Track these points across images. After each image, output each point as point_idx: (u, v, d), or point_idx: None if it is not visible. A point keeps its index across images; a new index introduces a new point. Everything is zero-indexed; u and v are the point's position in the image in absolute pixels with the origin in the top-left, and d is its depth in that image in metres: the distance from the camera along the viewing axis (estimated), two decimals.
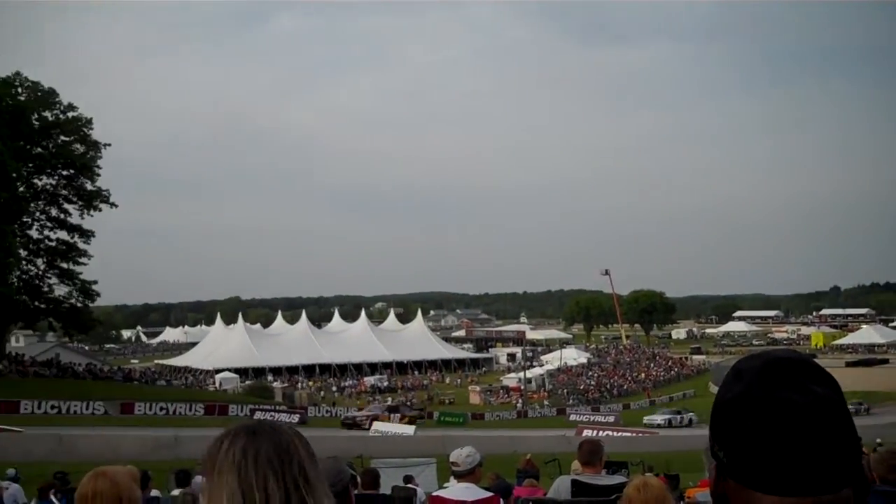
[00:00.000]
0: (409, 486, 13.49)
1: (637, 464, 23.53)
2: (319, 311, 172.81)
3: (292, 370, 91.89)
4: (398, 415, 56.95)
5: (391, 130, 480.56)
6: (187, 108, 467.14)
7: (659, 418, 61.98)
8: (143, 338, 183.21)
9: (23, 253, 59.11)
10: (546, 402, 77.54)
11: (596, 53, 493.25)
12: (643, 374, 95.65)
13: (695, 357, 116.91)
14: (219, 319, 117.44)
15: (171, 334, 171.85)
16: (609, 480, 6.50)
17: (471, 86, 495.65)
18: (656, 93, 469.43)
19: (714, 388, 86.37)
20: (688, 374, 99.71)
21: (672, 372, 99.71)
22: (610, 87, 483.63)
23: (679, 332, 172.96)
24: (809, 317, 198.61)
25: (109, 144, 64.38)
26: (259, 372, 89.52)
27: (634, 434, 50.17)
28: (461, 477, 6.33)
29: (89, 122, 62.19)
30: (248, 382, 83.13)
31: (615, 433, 49.71)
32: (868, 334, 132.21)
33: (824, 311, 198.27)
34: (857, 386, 67.94)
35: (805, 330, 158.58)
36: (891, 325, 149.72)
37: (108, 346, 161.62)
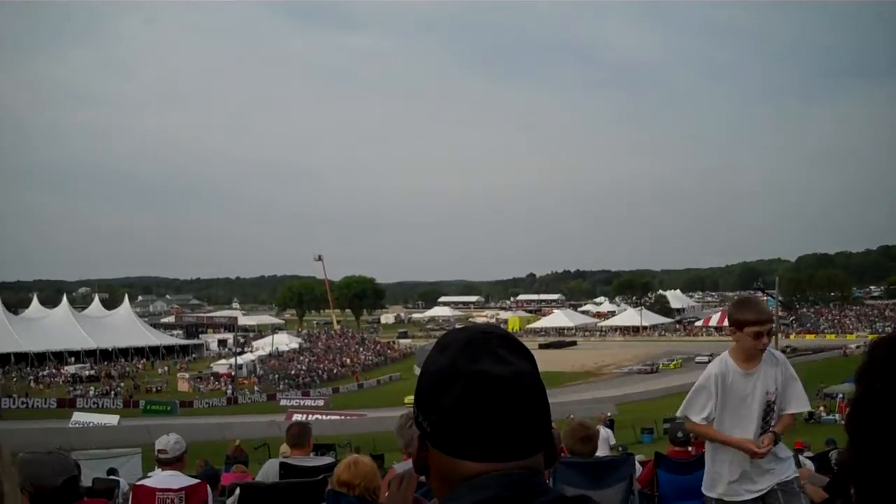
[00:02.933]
0: (112, 477, 13.11)
1: (344, 445, 24.17)
2: (16, 296, 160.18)
3: None
4: None
5: (101, 106, 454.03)
6: None
7: None
8: None
9: None
10: (256, 388, 77.04)
11: (318, 38, 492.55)
12: (352, 359, 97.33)
13: (401, 341, 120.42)
14: None
15: None
16: (317, 461, 6.82)
17: (191, 65, 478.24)
18: (375, 80, 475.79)
19: (418, 370, 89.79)
20: (394, 358, 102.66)
21: (380, 356, 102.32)
22: (325, 73, 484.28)
23: (388, 317, 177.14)
24: (507, 302, 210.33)
25: None
26: None
27: (342, 417, 51.10)
28: (168, 465, 6.35)
29: None
30: None
31: (324, 416, 50.44)
32: (559, 318, 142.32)
33: (521, 297, 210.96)
34: (549, 366, 73.09)
35: (503, 314, 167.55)
36: (579, 309, 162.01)
37: None
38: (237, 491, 6.16)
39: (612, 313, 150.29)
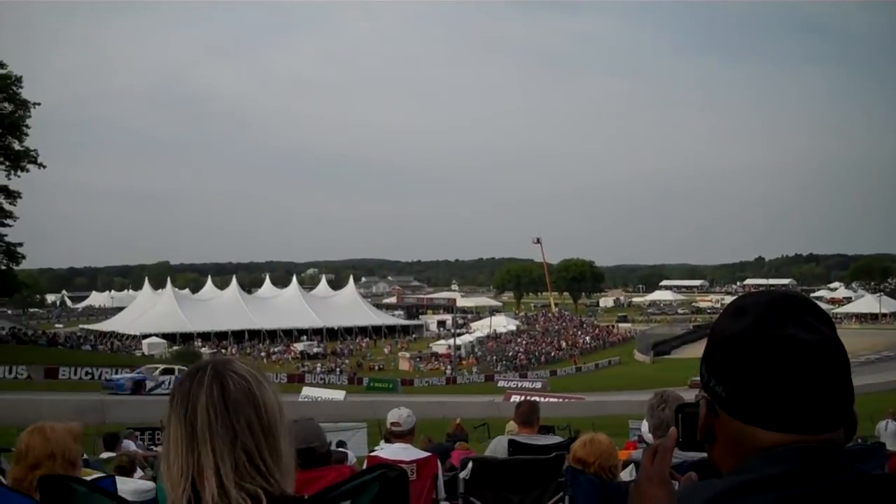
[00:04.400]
0: (341, 449, 13.52)
1: (563, 428, 23.95)
2: (250, 277, 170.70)
3: (221, 336, 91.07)
4: None
5: (327, 96, 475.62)
6: (118, 70, 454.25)
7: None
8: (69, 302, 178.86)
9: None
10: (475, 369, 78.18)
11: (532, 21, 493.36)
12: (571, 342, 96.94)
13: (621, 325, 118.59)
14: (146, 284, 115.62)
15: (97, 299, 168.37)
16: (548, 440, 6.66)
17: (410, 53, 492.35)
18: (589, 64, 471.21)
19: (639, 356, 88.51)
20: (614, 342, 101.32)
21: (599, 340, 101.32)
22: (544, 56, 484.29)
23: (607, 301, 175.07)
24: (734, 286, 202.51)
25: (39, 104, 62.22)
26: (187, 337, 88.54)
27: (561, 400, 50.90)
28: (399, 437, 6.38)
29: (19, 80, 60.02)
30: (175, 348, 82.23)
31: (543, 399, 50.38)
32: None
33: (749, 281, 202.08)
34: None
35: (729, 300, 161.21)
36: (812, 295, 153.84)
37: (32, 310, 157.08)
38: (469, 465, 6.11)
39: (848, 299, 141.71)
